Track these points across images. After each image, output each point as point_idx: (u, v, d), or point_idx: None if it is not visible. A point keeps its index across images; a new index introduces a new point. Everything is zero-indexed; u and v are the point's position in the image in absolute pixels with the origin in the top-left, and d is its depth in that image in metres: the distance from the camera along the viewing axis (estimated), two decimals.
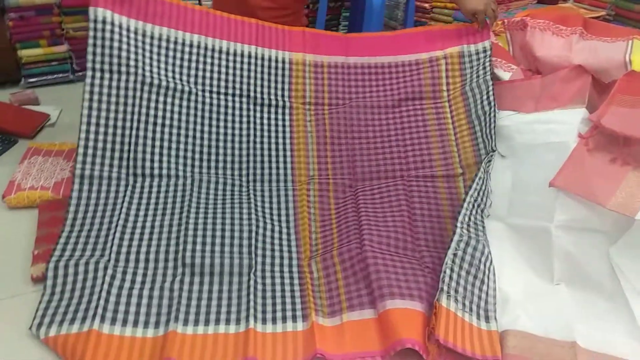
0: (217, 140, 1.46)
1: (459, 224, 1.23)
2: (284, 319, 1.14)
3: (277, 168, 1.48)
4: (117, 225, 1.26)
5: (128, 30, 1.39)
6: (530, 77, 1.60)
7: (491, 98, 1.51)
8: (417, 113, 1.59)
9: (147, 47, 1.42)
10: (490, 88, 1.54)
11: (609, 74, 1.52)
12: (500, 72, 1.72)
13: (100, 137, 1.32)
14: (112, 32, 1.35)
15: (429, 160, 1.51)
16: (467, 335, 1.09)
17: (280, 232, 1.35)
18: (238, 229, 1.30)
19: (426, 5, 2.47)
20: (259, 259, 1.25)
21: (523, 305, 1.16)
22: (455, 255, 1.19)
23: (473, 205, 1.30)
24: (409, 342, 1.04)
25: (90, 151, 1.30)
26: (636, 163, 1.19)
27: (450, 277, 1.15)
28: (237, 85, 1.53)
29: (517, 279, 1.23)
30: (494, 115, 1.47)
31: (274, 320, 1.13)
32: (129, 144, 1.36)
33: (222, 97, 1.51)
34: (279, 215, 1.40)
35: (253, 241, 1.27)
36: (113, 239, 1.23)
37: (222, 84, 1.52)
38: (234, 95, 1.52)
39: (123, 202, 1.31)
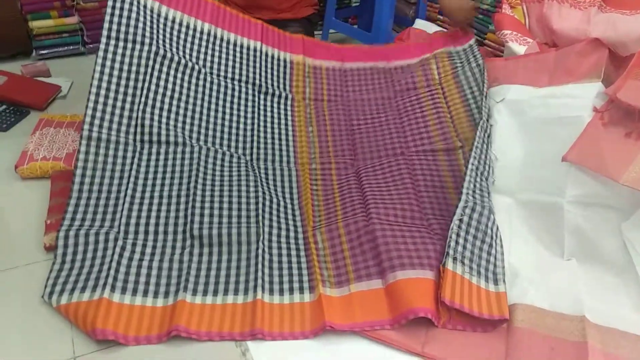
0: (223, 119, 1.52)
1: (464, 190, 1.24)
2: (291, 290, 1.14)
3: (280, 149, 1.53)
4: (125, 195, 1.27)
5: (145, 7, 1.44)
6: (544, 51, 1.57)
7: (485, 79, 1.58)
8: (412, 100, 1.68)
9: (161, 25, 1.48)
10: (484, 71, 1.60)
11: (627, 47, 1.48)
12: (515, 46, 1.69)
13: (110, 101, 1.33)
14: (131, 4, 1.40)
15: (427, 136, 1.56)
16: (475, 296, 1.10)
17: (285, 207, 1.36)
18: (245, 201, 1.31)
19: None
20: (266, 229, 1.25)
21: (532, 279, 1.16)
22: (460, 220, 1.19)
23: (475, 173, 1.30)
24: (422, 311, 1.05)
25: (98, 114, 1.31)
26: None
27: (457, 242, 1.15)
28: (244, 73, 1.63)
29: (527, 254, 1.23)
30: (485, 90, 1.53)
31: (281, 291, 1.14)
32: (138, 110, 1.37)
33: (229, 81, 1.58)
34: (283, 191, 1.41)
35: (260, 211, 1.28)
36: (122, 209, 1.24)
37: (230, 69, 1.61)
38: (240, 81, 1.60)
39: (131, 169, 1.32)
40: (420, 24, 2.17)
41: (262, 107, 1.61)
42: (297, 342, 1.06)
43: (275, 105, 1.64)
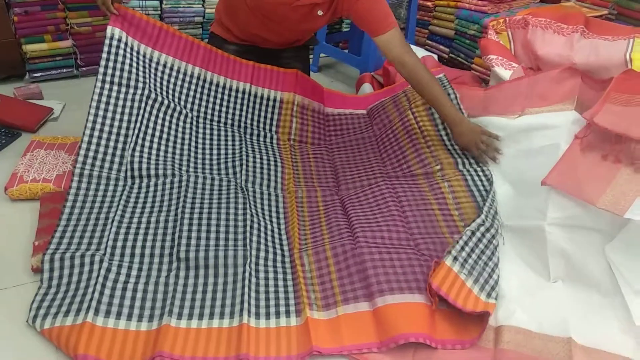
0: (211, 154, 1.58)
1: (484, 209, 1.30)
2: (278, 314, 1.14)
3: (269, 175, 1.57)
4: (113, 221, 1.28)
5: (138, 52, 1.50)
6: (520, 78, 1.60)
7: (460, 101, 1.66)
8: (388, 131, 1.77)
9: (153, 70, 1.54)
10: (455, 101, 1.67)
11: (609, 72, 1.53)
12: (501, 71, 1.73)
13: (103, 142, 1.37)
14: (125, 50, 1.45)
15: (405, 161, 1.63)
16: (463, 294, 1.12)
17: (272, 230, 1.37)
18: (233, 224, 1.31)
19: (429, 3, 2.47)
20: (254, 252, 1.25)
21: (519, 300, 1.17)
22: (473, 233, 1.22)
23: (493, 202, 1.36)
24: (413, 337, 1.05)
25: (91, 154, 1.35)
26: (627, 160, 1.20)
27: (462, 248, 1.19)
28: (230, 117, 1.70)
29: (513, 276, 1.24)
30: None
31: (267, 315, 1.13)
32: (130, 149, 1.41)
33: (214, 124, 1.66)
34: (270, 215, 1.43)
35: (248, 234, 1.28)
36: (109, 234, 1.25)
37: (216, 113, 1.68)
38: (225, 124, 1.68)
39: (120, 199, 1.33)
40: None
41: (249, 144, 1.66)
42: None
43: (262, 142, 1.71)
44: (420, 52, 2.16)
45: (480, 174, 1.48)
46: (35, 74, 2.29)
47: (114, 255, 1.21)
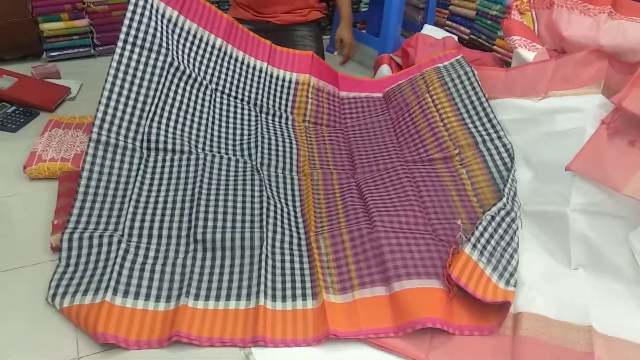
0: (227, 132, 1.56)
1: (505, 193, 1.27)
2: (294, 296, 1.14)
3: (284, 157, 1.56)
4: (130, 200, 1.28)
5: (163, 16, 1.47)
6: (545, 60, 1.56)
7: (477, 88, 1.62)
8: (406, 118, 1.73)
9: (176, 36, 1.51)
10: (473, 79, 1.65)
11: (637, 54, 1.47)
12: (524, 52, 1.69)
13: (120, 106, 1.34)
14: (150, 12, 1.41)
15: (422, 145, 1.60)
16: (483, 284, 1.10)
17: (289, 213, 1.36)
18: (250, 206, 1.31)
19: None
20: (270, 234, 1.25)
21: (538, 287, 1.15)
22: (492, 217, 1.20)
23: (513, 182, 1.33)
24: (430, 322, 1.04)
25: (108, 118, 1.32)
26: None
27: (482, 234, 1.16)
28: (247, 94, 1.68)
29: (534, 263, 1.22)
30: (487, 105, 1.57)
31: (283, 297, 1.13)
32: (147, 118, 1.38)
33: (231, 99, 1.64)
34: (285, 197, 1.42)
35: (264, 217, 1.28)
36: (127, 213, 1.25)
37: (234, 88, 1.66)
38: (242, 100, 1.66)
39: (137, 175, 1.32)
40: (428, 29, 2.17)
41: (264, 124, 1.65)
42: (300, 349, 1.05)
43: (277, 123, 1.69)
44: (440, 33, 2.12)
45: (502, 149, 1.44)
46: (52, 53, 2.29)
47: (131, 236, 1.21)
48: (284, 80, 1.77)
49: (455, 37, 2.14)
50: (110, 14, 2.31)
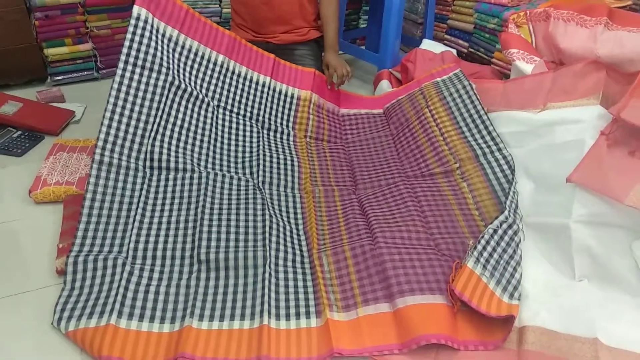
0: (229, 149, 1.57)
1: (506, 206, 1.27)
2: (298, 315, 1.14)
3: (285, 175, 1.57)
4: (134, 220, 1.29)
5: (164, 36, 1.49)
6: (543, 72, 1.57)
7: (476, 102, 1.63)
8: (405, 130, 1.75)
9: (178, 55, 1.53)
10: (472, 92, 1.66)
11: (635, 64, 1.48)
12: (522, 65, 1.70)
13: (123, 126, 1.35)
14: (150, 32, 1.43)
15: (423, 160, 1.61)
16: (487, 298, 1.10)
17: (291, 231, 1.37)
18: (252, 224, 1.32)
19: None
20: (273, 252, 1.25)
21: (543, 301, 1.15)
22: (495, 231, 1.20)
23: (514, 194, 1.33)
24: (434, 338, 1.04)
25: (111, 139, 1.33)
26: None
27: (484, 248, 1.17)
28: (249, 109, 1.70)
29: (538, 276, 1.22)
30: (485, 118, 1.58)
31: (287, 316, 1.13)
32: (149, 137, 1.39)
33: (234, 115, 1.65)
34: (288, 215, 1.42)
35: (267, 235, 1.28)
36: (130, 234, 1.26)
37: (236, 104, 1.67)
38: (244, 117, 1.67)
39: (140, 194, 1.34)
40: (427, 43, 2.19)
41: (265, 140, 1.66)
42: None
43: (278, 139, 1.70)
44: (438, 48, 2.13)
45: (502, 161, 1.44)
46: (57, 77, 2.32)
47: (135, 258, 1.22)
48: (286, 95, 1.78)
49: (454, 51, 2.15)
50: (113, 37, 2.35)
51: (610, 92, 1.36)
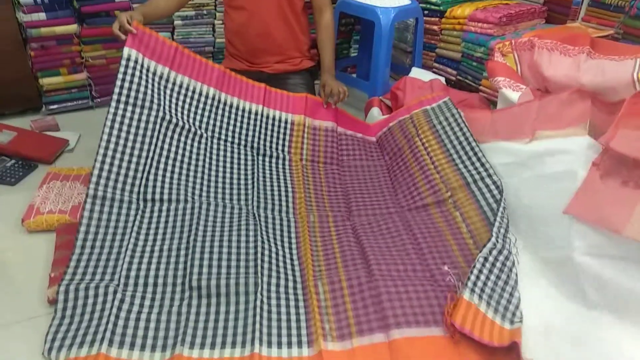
0: (224, 177, 1.60)
1: (493, 233, 1.28)
2: (289, 344, 1.13)
3: (280, 201, 1.59)
4: (126, 250, 1.30)
5: (154, 74, 1.54)
6: (530, 100, 1.60)
7: (465, 129, 1.66)
8: (398, 160, 1.79)
9: (168, 91, 1.58)
10: (460, 120, 1.69)
11: (617, 92, 1.52)
12: (509, 92, 1.74)
13: (116, 162, 1.38)
14: (140, 72, 1.48)
15: (416, 190, 1.63)
16: (487, 328, 1.10)
17: (284, 256, 1.37)
18: (244, 251, 1.32)
19: (435, 27, 2.50)
20: (265, 279, 1.26)
21: (565, 335, 1.14)
22: (485, 259, 1.21)
23: (502, 219, 1.34)
24: None
25: (104, 174, 1.36)
26: None
27: (478, 277, 1.17)
28: (243, 137, 1.73)
29: (549, 308, 1.21)
30: (474, 145, 1.60)
31: (279, 344, 1.13)
32: (142, 171, 1.43)
33: (228, 144, 1.68)
34: (282, 240, 1.43)
35: (259, 261, 1.29)
36: (122, 262, 1.27)
37: (230, 133, 1.70)
38: (239, 145, 1.70)
39: (133, 226, 1.35)
40: (416, 72, 2.24)
41: (260, 166, 1.69)
42: None
43: (273, 164, 1.73)
44: (427, 76, 2.18)
45: (492, 187, 1.46)
46: (52, 106, 2.34)
47: (127, 285, 1.23)
48: (279, 121, 1.81)
49: (443, 79, 2.20)
50: (107, 67, 2.38)
51: (597, 121, 1.38)
